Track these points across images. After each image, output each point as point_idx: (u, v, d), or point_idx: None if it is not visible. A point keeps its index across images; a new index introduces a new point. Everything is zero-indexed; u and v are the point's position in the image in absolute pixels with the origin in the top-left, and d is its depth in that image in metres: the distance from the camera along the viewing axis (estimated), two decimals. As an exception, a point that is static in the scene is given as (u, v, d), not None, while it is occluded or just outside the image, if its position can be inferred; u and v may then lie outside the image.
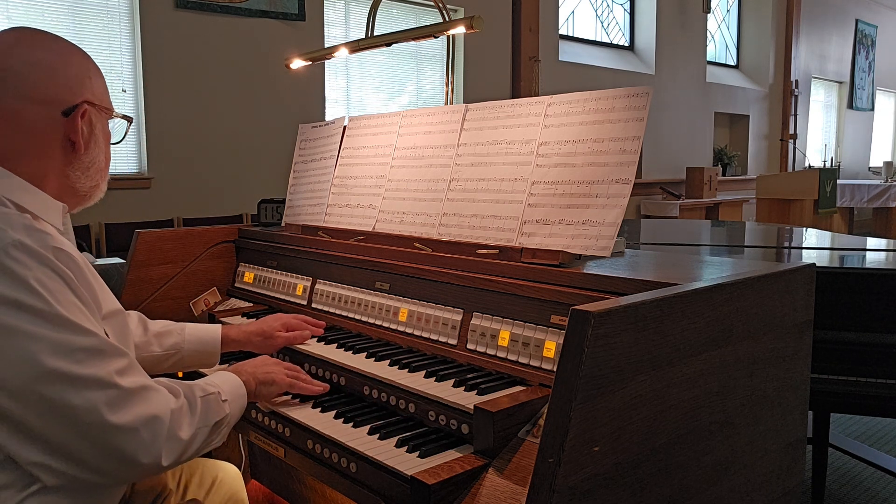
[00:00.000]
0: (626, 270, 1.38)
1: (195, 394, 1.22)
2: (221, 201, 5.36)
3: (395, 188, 1.92)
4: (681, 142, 9.43)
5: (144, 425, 1.08)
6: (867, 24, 12.98)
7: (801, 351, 1.39)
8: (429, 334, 1.63)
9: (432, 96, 6.78)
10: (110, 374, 1.06)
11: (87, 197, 1.30)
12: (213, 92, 5.27)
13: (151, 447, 1.08)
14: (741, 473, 1.28)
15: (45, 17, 4.59)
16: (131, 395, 1.08)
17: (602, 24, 8.92)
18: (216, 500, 1.63)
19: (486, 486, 1.16)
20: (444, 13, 2.53)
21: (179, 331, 1.70)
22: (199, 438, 1.19)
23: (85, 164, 1.25)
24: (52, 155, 1.21)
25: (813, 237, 3.25)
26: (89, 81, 1.25)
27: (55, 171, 1.22)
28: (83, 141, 1.23)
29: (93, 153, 1.26)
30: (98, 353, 1.06)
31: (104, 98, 1.29)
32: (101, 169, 1.29)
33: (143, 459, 1.07)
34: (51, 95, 1.19)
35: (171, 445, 1.11)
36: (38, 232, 1.08)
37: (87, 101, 1.23)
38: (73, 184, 1.25)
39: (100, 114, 1.27)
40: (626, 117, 1.48)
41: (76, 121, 1.21)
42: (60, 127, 1.20)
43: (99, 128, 1.27)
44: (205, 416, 1.21)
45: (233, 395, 1.33)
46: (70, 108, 1.20)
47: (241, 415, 1.37)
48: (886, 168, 10.14)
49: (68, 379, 1.03)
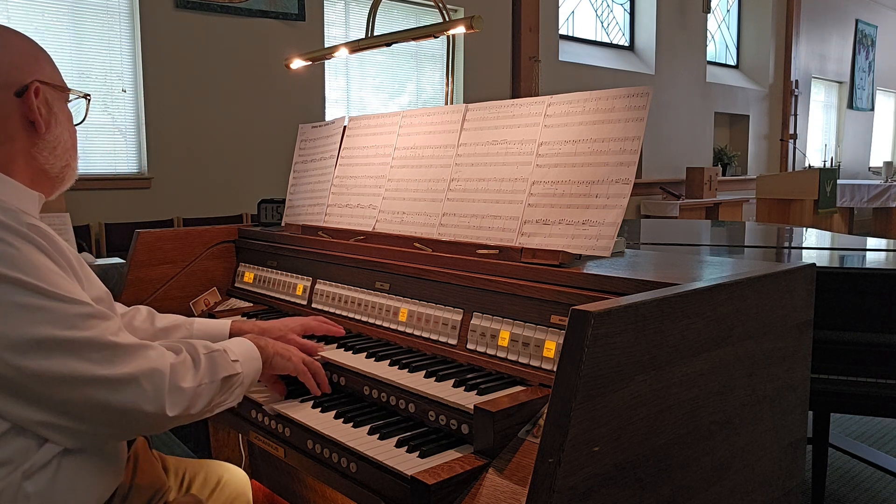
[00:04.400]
0: (626, 270, 1.38)
1: (198, 350, 1.25)
2: (221, 201, 5.36)
3: (395, 188, 1.92)
4: (681, 142, 9.43)
5: (145, 376, 1.11)
6: (867, 24, 12.98)
7: (801, 351, 1.39)
8: (429, 334, 1.63)
9: (432, 96, 6.78)
10: (103, 334, 1.10)
11: (60, 178, 1.31)
12: (213, 92, 5.27)
13: (154, 397, 1.12)
14: (741, 473, 1.28)
15: (45, 17, 4.59)
16: (128, 350, 1.12)
17: (602, 24, 8.92)
18: (220, 500, 1.62)
19: (486, 486, 1.16)
20: (444, 13, 2.53)
21: (188, 325, 1.70)
22: (206, 393, 1.21)
23: (50, 143, 1.26)
24: (15, 138, 1.21)
25: (813, 237, 3.25)
26: (36, 62, 1.25)
27: (22, 154, 1.22)
28: (42, 120, 1.23)
29: (55, 132, 1.27)
30: (89, 317, 1.10)
31: (56, 77, 1.29)
32: (67, 148, 1.30)
33: (147, 408, 1.11)
34: (1, 79, 1.19)
35: (174, 396, 1.14)
36: (11, 211, 1.10)
37: (38, 79, 1.23)
38: (43, 165, 1.25)
39: (55, 92, 1.27)
40: (626, 117, 1.48)
41: (30, 100, 1.21)
42: (17, 108, 1.21)
43: (57, 107, 1.28)
44: (210, 371, 1.23)
45: (245, 357, 1.35)
46: (22, 89, 1.21)
47: (255, 377, 1.40)
48: (886, 168, 10.14)
49: (66, 344, 1.06)
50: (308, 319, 1.78)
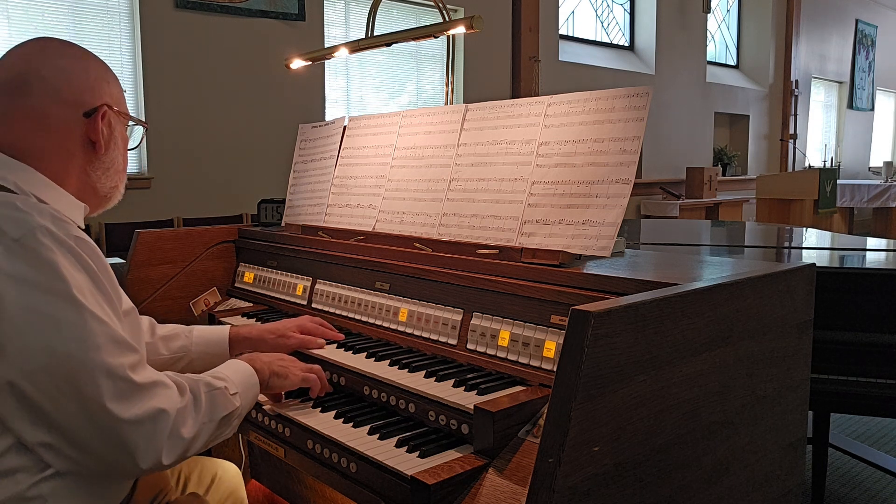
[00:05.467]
0: (626, 270, 1.38)
1: (200, 390, 1.23)
2: (221, 201, 5.35)
3: (395, 188, 1.92)
4: (681, 142, 9.43)
5: (150, 421, 1.09)
6: (867, 24, 12.98)
7: (801, 351, 1.39)
8: (429, 334, 1.63)
9: (432, 96, 6.77)
10: (122, 366, 1.08)
11: (107, 198, 1.37)
12: (213, 92, 5.27)
13: (153, 444, 1.09)
14: (741, 473, 1.28)
15: (45, 17, 4.59)
16: (141, 389, 1.10)
17: (602, 24, 8.92)
18: (216, 497, 1.63)
19: (486, 486, 1.16)
20: (444, 13, 2.53)
21: (187, 333, 1.69)
22: (205, 434, 1.20)
23: (105, 164, 1.31)
24: (74, 154, 1.26)
25: (813, 237, 3.25)
26: (107, 86, 1.31)
27: (77, 170, 1.27)
28: (103, 141, 1.29)
29: (112, 154, 1.32)
30: (114, 343, 1.09)
31: (121, 103, 1.35)
32: (119, 171, 1.36)
33: (143, 455, 1.08)
34: (74, 98, 1.25)
35: (172, 443, 1.12)
36: (62, 221, 1.12)
37: (107, 103, 1.29)
38: (94, 183, 1.31)
39: (118, 117, 1.33)
40: (626, 117, 1.48)
41: (97, 122, 1.27)
42: (82, 127, 1.26)
43: (118, 131, 1.33)
44: (210, 412, 1.22)
45: (244, 386, 1.34)
46: (91, 110, 1.27)
47: (253, 404, 1.39)
48: (886, 168, 10.14)
49: (82, 365, 1.05)
50: (304, 320, 1.78)
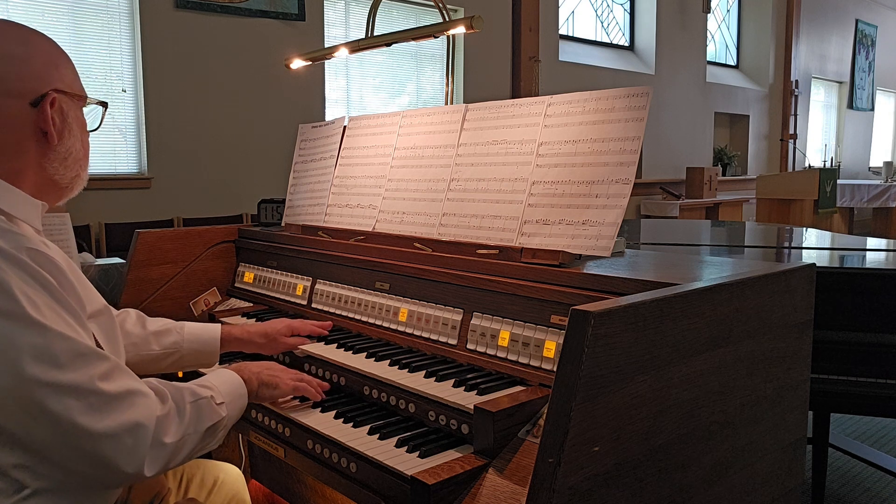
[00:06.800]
0: (626, 270, 1.38)
1: (184, 398, 1.18)
2: (221, 201, 5.35)
3: (395, 188, 1.92)
4: (681, 142, 9.43)
5: (127, 432, 1.05)
6: (867, 24, 12.97)
7: (801, 351, 1.39)
8: (429, 334, 1.63)
9: (432, 96, 6.77)
10: (92, 378, 1.03)
11: (69, 188, 1.26)
12: (213, 92, 5.27)
13: (134, 454, 1.05)
14: (741, 473, 1.28)
15: (45, 18, 4.59)
16: (114, 400, 1.05)
17: (602, 24, 8.92)
18: (218, 500, 1.62)
19: (486, 486, 1.16)
20: (444, 13, 2.53)
21: (178, 329, 1.67)
22: (189, 444, 1.15)
23: (61, 154, 1.21)
24: (26, 149, 1.16)
25: (813, 237, 3.25)
26: (56, 70, 1.20)
27: (32, 165, 1.17)
28: (56, 131, 1.18)
29: (68, 143, 1.21)
30: (79, 357, 1.03)
31: (74, 85, 1.24)
32: (79, 158, 1.25)
33: (124, 467, 1.05)
34: (18, 87, 1.14)
35: (155, 453, 1.08)
36: (11, 234, 1.05)
37: (56, 88, 1.18)
38: (52, 176, 1.21)
39: (72, 101, 1.22)
40: (626, 117, 1.48)
41: (46, 110, 1.16)
42: (31, 119, 1.16)
43: (72, 116, 1.22)
44: (195, 422, 1.17)
45: (231, 396, 1.30)
46: (38, 98, 1.16)
47: (240, 415, 1.35)
48: (886, 168, 10.14)
49: (48, 385, 1.00)
50: (293, 321, 1.79)
